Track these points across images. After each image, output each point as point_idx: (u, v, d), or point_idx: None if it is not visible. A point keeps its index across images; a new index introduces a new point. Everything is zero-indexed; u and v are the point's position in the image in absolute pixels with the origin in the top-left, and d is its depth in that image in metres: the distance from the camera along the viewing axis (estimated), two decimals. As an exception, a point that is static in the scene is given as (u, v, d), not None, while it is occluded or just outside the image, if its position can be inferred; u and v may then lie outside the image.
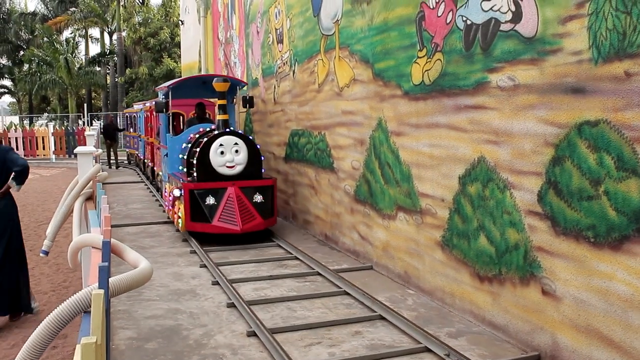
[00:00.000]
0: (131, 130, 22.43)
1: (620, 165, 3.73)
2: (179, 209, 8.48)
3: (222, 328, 5.25)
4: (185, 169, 9.04)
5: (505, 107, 4.71)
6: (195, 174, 8.41)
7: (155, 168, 14.02)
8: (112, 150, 21.91)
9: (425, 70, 5.74)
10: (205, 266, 7.25)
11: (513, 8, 4.56)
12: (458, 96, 5.29)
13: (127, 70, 42.68)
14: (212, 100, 12.17)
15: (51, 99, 54.94)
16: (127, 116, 25.27)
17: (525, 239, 4.58)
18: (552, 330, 4.36)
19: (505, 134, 4.73)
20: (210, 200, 8.11)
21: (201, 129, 9.52)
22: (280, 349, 4.52)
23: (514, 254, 4.71)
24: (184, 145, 9.35)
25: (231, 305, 5.78)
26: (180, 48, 27.59)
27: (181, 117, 13.65)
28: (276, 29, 10.36)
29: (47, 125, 36.39)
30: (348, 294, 6.10)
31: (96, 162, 9.43)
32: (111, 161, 21.88)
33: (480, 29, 4.95)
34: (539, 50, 4.33)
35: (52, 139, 33.44)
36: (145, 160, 17.21)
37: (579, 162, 4.04)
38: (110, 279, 2.58)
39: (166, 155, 10.19)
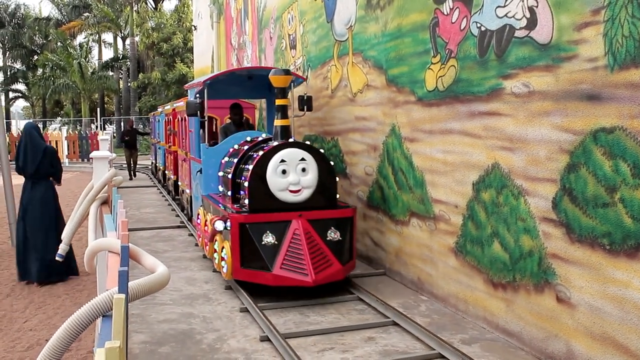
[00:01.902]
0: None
1: (636, 173, 3.72)
2: (223, 247, 6.31)
3: (235, 333, 5.27)
4: (227, 191, 6.92)
5: (520, 114, 4.70)
6: (245, 200, 6.24)
7: (179, 183, 11.87)
8: (132, 159, 20.02)
9: (439, 77, 5.74)
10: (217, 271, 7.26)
11: (528, 14, 4.56)
12: (472, 102, 5.29)
13: (140, 75, 42.92)
14: (249, 101, 10.68)
15: (64, 103, 55.35)
16: (152, 120, 22.55)
17: (540, 245, 4.57)
18: (566, 338, 4.35)
19: (520, 141, 4.72)
20: (269, 238, 5.92)
21: (248, 139, 7.53)
22: (293, 353, 4.53)
23: (528, 260, 4.70)
24: (225, 159, 7.34)
25: (244, 310, 5.79)
26: (192, 53, 27.73)
27: (213, 122, 11.42)
28: (289, 35, 10.39)
29: (60, 130, 36.65)
30: (361, 299, 6.11)
31: (110, 166, 9.43)
32: (131, 171, 19.96)
33: (494, 35, 4.96)
34: (554, 57, 4.33)
35: (65, 143, 33.68)
36: (167, 172, 14.99)
37: (594, 169, 4.03)
38: (129, 283, 2.61)
39: (199, 171, 8.06)
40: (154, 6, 46.76)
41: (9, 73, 51.80)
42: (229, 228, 6.03)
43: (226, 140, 7.89)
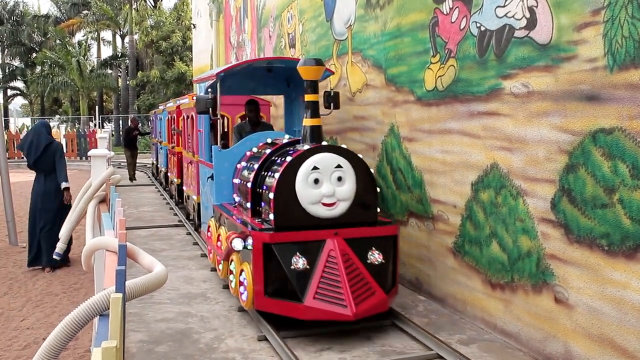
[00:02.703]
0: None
1: (635, 174, 3.71)
2: (242, 270, 5.33)
3: (233, 332, 5.26)
4: (245, 203, 5.95)
5: (519, 114, 4.70)
6: (270, 215, 5.27)
7: (184, 188, 10.66)
8: (133, 160, 18.92)
9: (439, 76, 5.74)
10: (215, 269, 7.24)
11: (528, 15, 4.55)
12: (471, 102, 5.28)
13: (139, 73, 42.84)
14: (263, 98, 9.55)
15: (63, 101, 55.29)
16: (152, 119, 21.45)
17: (538, 246, 4.57)
18: (564, 339, 4.34)
19: (519, 141, 4.72)
20: (300, 261, 4.99)
21: (269, 140, 6.44)
22: (291, 353, 4.52)
23: (527, 261, 4.70)
24: (242, 164, 6.43)
25: (242, 310, 5.78)
26: (192, 51, 27.70)
27: (224, 122, 10.19)
28: (289, 34, 10.38)
29: (58, 128, 36.60)
30: (359, 299, 6.08)
31: (109, 164, 9.42)
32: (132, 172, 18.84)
33: (494, 35, 4.95)
34: (553, 57, 4.32)
35: (63, 141, 33.61)
36: (169, 175, 13.98)
37: (593, 170, 4.03)
38: (126, 282, 2.60)
39: (211, 177, 7.05)
40: (153, 4, 46.71)
41: (7, 70, 51.71)
42: (250, 248, 5.11)
43: (241, 142, 6.90)
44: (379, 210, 5.56)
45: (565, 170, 4.27)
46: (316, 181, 5.19)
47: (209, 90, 6.81)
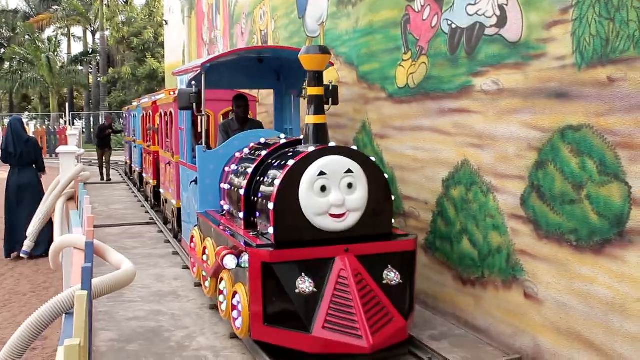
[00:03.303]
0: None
1: (602, 170, 3.77)
2: (235, 293, 4.63)
3: (204, 330, 5.22)
4: (237, 212, 5.25)
5: (489, 111, 4.73)
6: (269, 229, 4.56)
7: (162, 191, 9.87)
8: (104, 159, 17.92)
9: (410, 74, 5.76)
10: (187, 267, 7.19)
11: (498, 12, 4.59)
12: (442, 99, 5.31)
13: (110, 70, 42.39)
14: (246, 92, 8.26)
15: (32, 98, 54.41)
16: (125, 115, 20.25)
17: (508, 242, 4.61)
18: (534, 333, 4.39)
19: (489, 138, 4.75)
20: (304, 284, 4.29)
21: (262, 140, 5.84)
22: (261, 350, 4.50)
23: (497, 257, 4.74)
24: (231, 167, 5.70)
25: (214, 307, 5.74)
26: (164, 48, 27.45)
27: (206, 119, 8.68)
28: (261, 31, 10.34)
29: (28, 125, 36.02)
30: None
31: (78, 161, 9.31)
32: (103, 172, 17.96)
33: (465, 32, 4.98)
34: (523, 55, 4.36)
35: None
36: (144, 176, 13.07)
37: (561, 167, 4.07)
38: (93, 280, 2.56)
39: (194, 181, 6.33)
40: (124, 0, 46.19)
41: (-26, 66, 50.73)
42: (245, 266, 4.39)
43: (229, 141, 6.19)
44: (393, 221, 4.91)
45: (534, 166, 4.32)
46: (323, 189, 4.45)
47: (193, 83, 6.04)
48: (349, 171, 4.52)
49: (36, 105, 53.65)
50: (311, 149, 4.60)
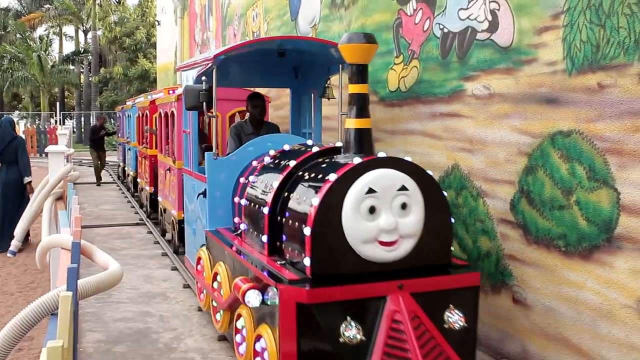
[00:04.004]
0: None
1: (591, 176, 3.78)
2: (259, 337, 3.78)
3: (192, 332, 5.20)
4: (258, 234, 4.29)
5: (480, 116, 4.74)
6: (304, 259, 3.67)
7: (160, 199, 9.11)
8: (100, 162, 17.20)
9: (402, 77, 5.76)
10: (176, 269, 7.15)
11: (490, 17, 4.60)
12: (433, 103, 5.31)
13: (102, 70, 42.23)
14: (254, 91, 7.08)
15: (23, 97, 54.11)
16: (119, 116, 19.28)
17: (497, 247, 4.61)
18: (522, 338, 4.39)
19: (480, 142, 4.76)
20: (351, 331, 3.47)
21: (286, 147, 4.85)
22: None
23: (486, 261, 4.74)
24: (249, 178, 4.81)
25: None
26: (156, 49, 27.37)
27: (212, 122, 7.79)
28: (253, 32, 10.32)
29: (18, 124, 35.79)
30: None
31: (67, 161, 9.27)
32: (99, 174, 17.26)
33: (457, 37, 4.99)
34: (514, 60, 4.37)
35: (23, 137, 32.88)
36: (139, 181, 12.24)
37: (551, 172, 4.08)
38: (79, 281, 2.54)
39: (203, 194, 5.39)
40: (117, 0, 46.05)
41: (-36, 64, 50.43)
42: (272, 303, 3.57)
43: (243, 147, 5.35)
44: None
45: (524, 171, 4.33)
46: (372, 210, 3.61)
47: (203, 79, 5.16)
48: (403, 188, 3.68)
49: (27, 104, 53.37)
50: (357, 160, 3.72)
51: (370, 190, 3.61)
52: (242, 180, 5.02)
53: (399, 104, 5.82)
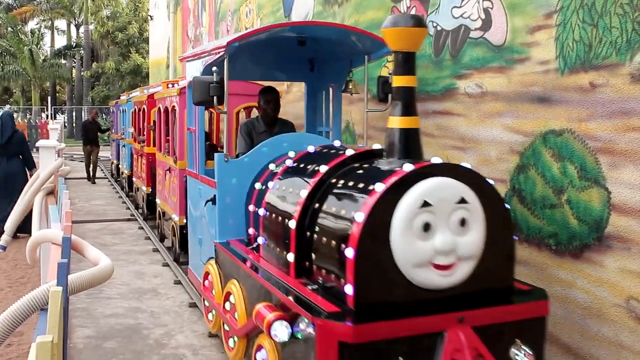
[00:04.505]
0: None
1: (583, 175, 3.79)
2: None
3: (183, 328, 5.19)
4: (281, 251, 3.71)
5: (472, 114, 4.75)
6: (345, 287, 3.06)
7: (158, 201, 8.62)
8: (92, 158, 16.44)
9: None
10: (167, 265, 7.14)
11: (483, 16, 4.60)
12: (426, 101, 5.32)
13: (94, 64, 42.06)
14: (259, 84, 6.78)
15: (14, 91, 53.81)
16: (113, 111, 18.38)
17: (489, 245, 4.61)
18: (512, 336, 4.40)
19: (472, 141, 4.77)
20: None
21: (310, 149, 4.20)
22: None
23: (477, 259, 4.74)
24: (268, 184, 4.21)
25: (193, 305, 5.71)
26: (148, 43, 27.27)
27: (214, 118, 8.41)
28: (247, 28, 10.30)
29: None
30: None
31: (59, 156, 9.24)
32: (90, 170, 16.50)
33: (450, 35, 4.99)
34: (507, 59, 4.38)
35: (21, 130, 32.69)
36: (134, 180, 11.57)
37: (543, 171, 4.10)
38: (69, 276, 2.53)
39: (212, 200, 4.82)
40: (109, -6, 45.84)
41: (-45, 58, 50.06)
42: (304, 337, 3.03)
43: (257, 149, 4.79)
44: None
45: (516, 170, 4.34)
46: (426, 227, 3.04)
47: (214, 69, 4.51)
48: (463, 201, 3.13)
49: (18, 98, 53.07)
50: (408, 166, 3.12)
51: (425, 204, 3.03)
52: (257, 186, 4.46)
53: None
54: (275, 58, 5.90)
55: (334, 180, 3.54)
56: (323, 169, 3.63)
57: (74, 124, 42.09)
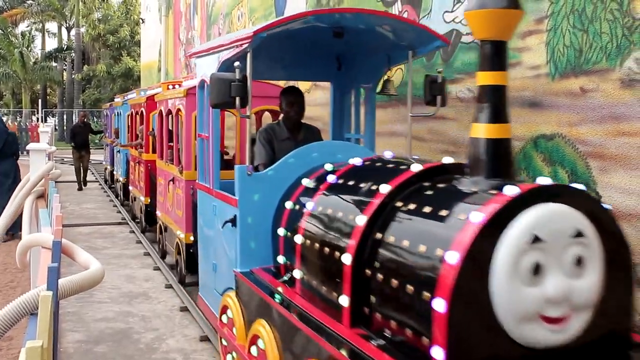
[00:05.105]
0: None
1: (573, 179, 3.81)
2: None
3: (174, 332, 5.17)
4: (331, 292, 2.94)
5: (464, 118, 4.76)
6: (430, 347, 2.28)
7: (159, 213, 7.79)
8: (82, 164, 15.36)
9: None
10: (158, 268, 7.11)
11: (474, 21, 4.61)
12: (418, 106, 5.32)
13: (85, 67, 41.92)
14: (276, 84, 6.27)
15: (4, 94, 53.56)
16: (107, 114, 17.40)
17: (480, 249, 4.61)
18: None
19: (464, 145, 4.78)
20: None
21: (357, 162, 3.50)
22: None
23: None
24: (302, 205, 3.54)
25: (184, 309, 5.70)
26: (140, 47, 27.22)
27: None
28: (239, 32, 10.31)
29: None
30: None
31: (49, 159, 9.19)
32: (80, 180, 15.48)
33: (441, 40, 4.99)
34: (498, 64, 4.38)
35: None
36: (131, 189, 10.73)
37: (534, 175, 4.11)
38: (59, 280, 2.51)
39: (232, 222, 4.00)
40: (101, -3, 45.74)
41: (-55, 60, 49.77)
42: None
43: (283, 160, 4.01)
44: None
45: (507, 174, 4.34)
46: (537, 270, 2.31)
47: (236, 64, 3.73)
48: (579, 234, 2.39)
49: (8, 101, 52.81)
50: (510, 189, 2.36)
51: (536, 239, 2.30)
52: (289, 205, 3.68)
53: (383, 105, 5.83)
54: (296, 54, 5.06)
55: (399, 204, 2.79)
56: (384, 188, 2.86)
57: (64, 127, 41.91)
